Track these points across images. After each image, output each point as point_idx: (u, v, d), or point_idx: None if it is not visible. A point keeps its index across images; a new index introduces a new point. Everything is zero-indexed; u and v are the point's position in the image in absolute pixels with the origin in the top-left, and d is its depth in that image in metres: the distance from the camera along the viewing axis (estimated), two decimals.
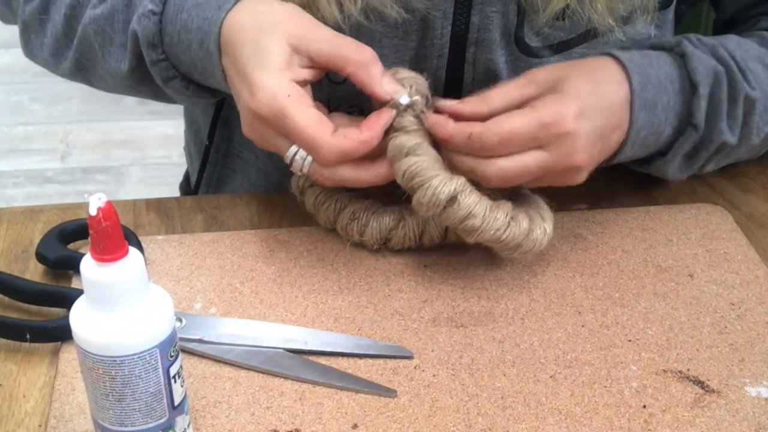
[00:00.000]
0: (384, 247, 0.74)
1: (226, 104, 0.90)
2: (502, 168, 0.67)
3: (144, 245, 0.73)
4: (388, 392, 0.63)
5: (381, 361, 0.65)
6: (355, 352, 0.65)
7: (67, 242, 0.73)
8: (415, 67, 0.71)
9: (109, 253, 0.50)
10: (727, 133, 0.74)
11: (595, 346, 0.67)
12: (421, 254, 0.74)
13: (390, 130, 0.67)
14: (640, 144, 0.73)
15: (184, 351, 0.65)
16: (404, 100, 0.67)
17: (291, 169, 0.68)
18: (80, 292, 0.52)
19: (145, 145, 2.30)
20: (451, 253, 0.74)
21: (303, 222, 0.77)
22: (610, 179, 0.76)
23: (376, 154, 0.68)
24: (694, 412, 0.62)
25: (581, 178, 0.70)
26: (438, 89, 0.78)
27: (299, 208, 0.77)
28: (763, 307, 0.70)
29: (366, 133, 0.66)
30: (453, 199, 0.65)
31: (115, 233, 0.49)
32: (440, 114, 0.69)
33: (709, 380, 0.64)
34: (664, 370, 0.65)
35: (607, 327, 0.68)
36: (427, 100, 0.69)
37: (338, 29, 0.69)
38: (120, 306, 0.51)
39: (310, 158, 0.66)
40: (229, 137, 0.92)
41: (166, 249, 0.74)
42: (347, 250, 0.75)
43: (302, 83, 0.66)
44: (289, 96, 0.64)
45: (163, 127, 2.33)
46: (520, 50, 0.77)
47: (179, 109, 1.08)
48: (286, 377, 0.64)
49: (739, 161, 0.81)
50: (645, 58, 0.73)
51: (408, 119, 0.67)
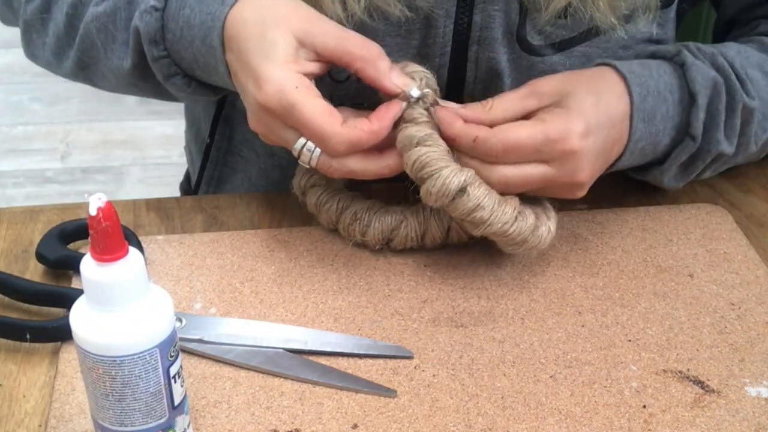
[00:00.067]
0: (386, 248, 0.74)
1: (227, 103, 0.90)
2: (505, 176, 0.67)
3: (144, 245, 0.73)
4: (388, 392, 0.63)
5: (381, 361, 0.65)
6: (355, 352, 0.65)
7: (67, 242, 0.73)
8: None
9: (109, 253, 0.50)
10: (724, 144, 0.74)
11: (595, 346, 0.67)
12: (422, 254, 0.74)
13: (399, 122, 0.68)
14: (638, 153, 0.73)
15: (184, 351, 0.65)
16: (415, 92, 0.67)
17: (299, 161, 0.68)
18: (80, 292, 0.52)
19: (145, 145, 2.30)
20: (452, 253, 0.74)
21: (303, 222, 0.77)
22: (611, 179, 0.76)
23: (385, 145, 0.68)
24: (694, 412, 0.62)
25: (582, 193, 0.71)
26: (440, 87, 0.78)
27: (299, 209, 0.77)
28: (763, 307, 0.70)
29: (376, 123, 0.66)
30: (462, 191, 0.65)
31: (115, 233, 0.49)
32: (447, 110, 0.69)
33: (709, 380, 0.64)
34: (664, 370, 0.65)
35: (607, 327, 0.68)
36: (437, 93, 0.69)
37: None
38: (120, 306, 0.51)
39: (318, 150, 0.66)
40: (230, 136, 0.92)
41: (166, 249, 0.74)
42: (347, 250, 0.75)
43: (309, 76, 0.66)
44: (297, 88, 0.64)
45: (163, 127, 2.33)
46: (522, 48, 0.77)
47: (179, 109, 1.08)
48: (286, 377, 0.64)
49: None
50: (645, 69, 0.73)
51: (418, 111, 0.67)
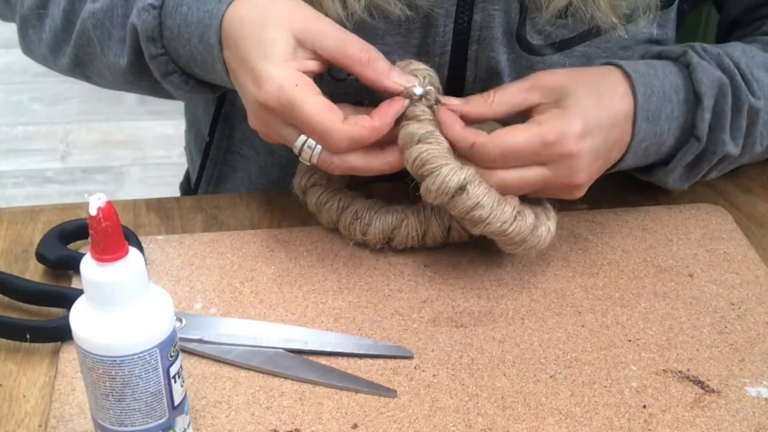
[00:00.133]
0: (386, 247, 0.74)
1: (227, 101, 0.90)
2: (503, 179, 0.67)
3: (144, 245, 0.73)
4: (388, 392, 0.63)
5: (381, 361, 0.65)
6: (355, 352, 0.65)
7: (67, 242, 0.73)
8: None
9: (109, 253, 0.50)
10: (730, 145, 0.74)
11: (595, 346, 0.67)
12: (422, 254, 0.74)
13: (401, 119, 0.68)
14: (642, 154, 0.73)
15: (184, 351, 0.65)
16: (418, 90, 0.67)
17: (300, 158, 0.68)
18: (80, 292, 0.52)
19: (145, 145, 2.30)
20: (452, 253, 0.74)
21: (303, 222, 0.77)
22: (611, 179, 0.76)
23: (386, 142, 0.68)
24: (694, 412, 0.62)
25: (580, 194, 0.71)
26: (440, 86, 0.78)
27: (299, 209, 0.77)
28: (763, 307, 0.70)
29: (377, 120, 0.66)
30: (462, 189, 0.65)
31: (115, 233, 0.49)
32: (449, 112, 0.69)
33: (709, 380, 0.64)
34: (664, 370, 0.65)
35: (607, 327, 0.68)
36: (439, 92, 0.69)
37: (341, 26, 0.69)
38: (120, 306, 0.51)
39: (318, 147, 0.66)
40: (230, 134, 0.92)
41: (166, 249, 0.74)
42: (347, 250, 0.75)
43: (308, 74, 0.66)
44: (297, 85, 0.64)
45: (163, 127, 2.33)
46: (522, 48, 0.77)
47: (179, 109, 1.08)
48: (286, 377, 0.64)
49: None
50: (650, 68, 0.73)
51: (420, 108, 0.67)
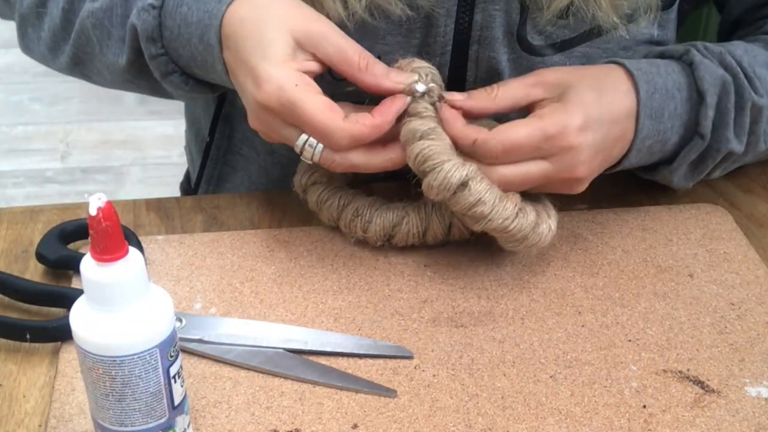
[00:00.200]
0: (387, 244, 0.74)
1: (227, 101, 0.90)
2: (504, 175, 0.67)
3: (144, 245, 0.73)
4: (388, 392, 0.63)
5: (381, 361, 0.65)
6: (355, 352, 0.65)
7: (67, 242, 0.73)
8: None
9: (109, 253, 0.50)
10: (733, 142, 0.74)
11: (595, 346, 0.67)
12: (422, 254, 0.74)
13: (403, 116, 0.68)
14: (646, 151, 0.73)
15: (184, 351, 0.65)
16: (420, 87, 0.67)
17: (301, 157, 0.68)
18: (80, 292, 0.52)
19: (145, 145, 2.30)
20: (452, 253, 0.74)
21: (303, 222, 0.77)
22: (611, 179, 0.76)
23: (388, 139, 0.68)
24: (694, 412, 0.62)
25: (581, 188, 0.71)
26: None
27: (299, 208, 0.77)
28: (763, 307, 0.70)
29: (378, 118, 0.66)
30: (464, 185, 0.65)
31: (115, 233, 0.49)
32: (451, 107, 0.69)
33: (709, 380, 0.64)
34: (664, 370, 0.65)
35: (607, 327, 0.68)
36: (441, 89, 0.69)
37: (342, 26, 0.69)
38: (120, 306, 0.51)
39: (320, 146, 0.66)
40: (230, 134, 0.92)
41: (166, 249, 0.74)
42: (347, 250, 0.75)
43: (308, 74, 0.66)
44: (297, 85, 0.64)
45: (163, 127, 2.33)
46: (523, 48, 0.77)
47: (179, 108, 1.08)
48: (286, 377, 0.64)
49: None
50: (653, 66, 0.73)
51: (423, 105, 0.68)
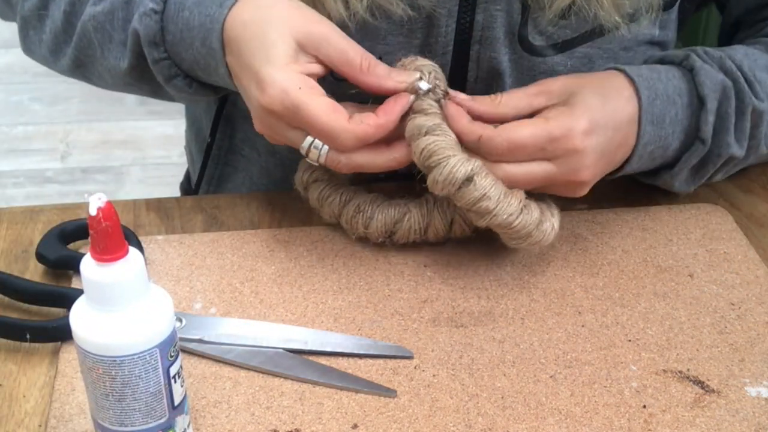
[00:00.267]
0: (389, 241, 0.74)
1: (228, 101, 0.90)
2: (508, 173, 0.67)
3: (144, 245, 0.73)
4: (388, 392, 0.63)
5: (381, 361, 0.65)
6: (355, 352, 0.65)
7: (67, 242, 0.73)
8: None
9: (109, 253, 0.50)
10: (734, 147, 0.74)
11: (595, 346, 0.67)
12: (422, 254, 0.74)
13: (408, 113, 0.68)
14: (648, 157, 0.73)
15: (184, 351, 0.65)
16: (424, 85, 0.68)
17: (307, 159, 0.68)
18: (80, 292, 0.52)
19: (145, 145, 2.30)
20: (452, 253, 0.74)
21: (303, 222, 0.77)
22: (611, 179, 0.76)
23: (393, 138, 0.68)
24: (694, 412, 0.62)
25: (584, 191, 0.71)
26: None
27: (299, 208, 0.77)
28: (763, 307, 0.70)
29: (383, 117, 0.66)
30: (469, 180, 0.65)
31: (115, 233, 0.49)
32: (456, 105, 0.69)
33: (709, 380, 0.64)
34: (664, 370, 0.65)
35: (607, 327, 0.68)
36: (445, 87, 0.69)
37: (343, 27, 0.69)
38: (120, 306, 0.51)
39: (326, 147, 0.67)
40: (232, 135, 0.92)
41: (166, 249, 0.74)
42: (347, 250, 0.75)
43: (311, 76, 0.67)
44: (300, 88, 0.65)
45: (163, 127, 2.33)
46: (524, 49, 0.77)
47: (180, 108, 1.08)
48: (286, 377, 0.64)
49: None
50: (654, 72, 0.73)
51: (427, 102, 0.68)
